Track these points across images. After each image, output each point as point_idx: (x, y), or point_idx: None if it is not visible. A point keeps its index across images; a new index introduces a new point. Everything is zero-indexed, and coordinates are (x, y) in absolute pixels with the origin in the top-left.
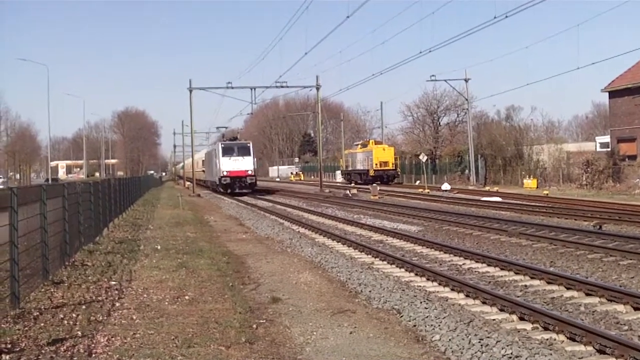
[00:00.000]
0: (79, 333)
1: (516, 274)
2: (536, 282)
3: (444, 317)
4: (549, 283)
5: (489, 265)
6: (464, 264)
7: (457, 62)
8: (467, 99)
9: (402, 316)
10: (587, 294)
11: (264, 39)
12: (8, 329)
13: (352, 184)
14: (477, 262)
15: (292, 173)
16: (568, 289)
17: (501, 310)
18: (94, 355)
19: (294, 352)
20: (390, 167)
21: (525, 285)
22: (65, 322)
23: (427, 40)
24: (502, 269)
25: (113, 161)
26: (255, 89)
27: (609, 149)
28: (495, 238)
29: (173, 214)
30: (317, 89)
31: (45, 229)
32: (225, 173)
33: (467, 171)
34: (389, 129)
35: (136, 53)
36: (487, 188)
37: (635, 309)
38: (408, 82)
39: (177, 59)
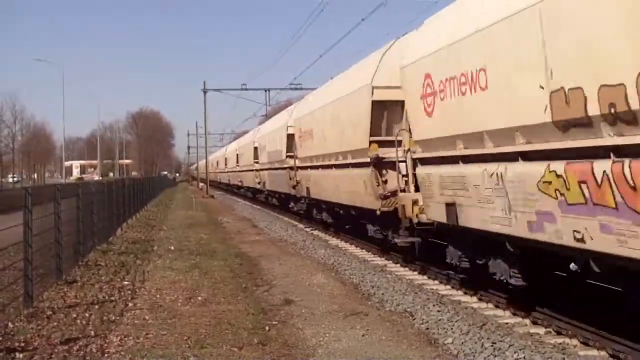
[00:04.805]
0: (92, 332)
1: None
2: None
3: (457, 321)
4: None
5: None
6: None
7: None
8: None
9: (414, 319)
10: None
11: (279, 41)
12: (21, 327)
13: None
14: None
15: None
16: None
17: (514, 314)
18: (106, 354)
19: (306, 354)
20: None
21: None
22: (78, 321)
23: None
24: None
25: (127, 162)
26: (269, 90)
27: None
28: None
29: (187, 215)
30: None
31: (59, 229)
32: None
33: None
34: None
35: (151, 53)
36: None
37: None
38: None
39: (192, 60)
